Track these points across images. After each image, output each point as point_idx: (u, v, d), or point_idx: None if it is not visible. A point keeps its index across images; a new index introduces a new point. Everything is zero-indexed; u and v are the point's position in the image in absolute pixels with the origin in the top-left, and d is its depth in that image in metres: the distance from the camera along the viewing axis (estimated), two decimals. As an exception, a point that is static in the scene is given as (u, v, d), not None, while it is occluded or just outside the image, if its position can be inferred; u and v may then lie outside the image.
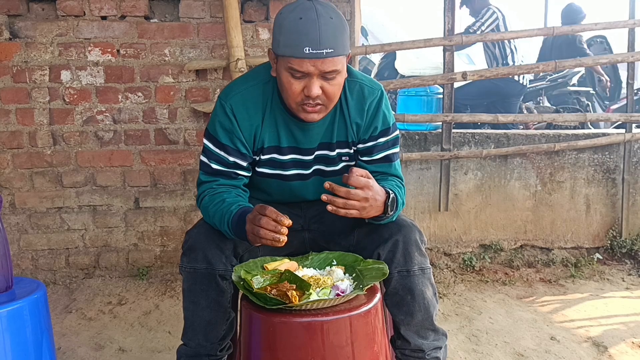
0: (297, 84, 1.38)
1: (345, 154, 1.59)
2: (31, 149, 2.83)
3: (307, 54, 1.32)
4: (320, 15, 1.32)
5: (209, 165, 1.53)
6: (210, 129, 1.53)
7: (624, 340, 2.28)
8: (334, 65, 1.36)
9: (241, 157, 1.52)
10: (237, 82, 1.56)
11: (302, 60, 1.33)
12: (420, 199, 3.10)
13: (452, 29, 2.97)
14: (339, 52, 1.36)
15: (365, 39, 5.75)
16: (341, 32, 1.36)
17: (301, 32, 1.32)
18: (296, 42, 1.32)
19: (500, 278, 2.98)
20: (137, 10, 2.78)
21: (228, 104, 1.50)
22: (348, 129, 1.55)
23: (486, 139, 3.11)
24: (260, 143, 1.53)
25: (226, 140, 1.50)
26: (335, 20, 1.35)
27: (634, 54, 3.06)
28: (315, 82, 1.37)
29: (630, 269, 3.08)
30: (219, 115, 1.51)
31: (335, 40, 1.34)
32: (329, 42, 1.32)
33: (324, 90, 1.39)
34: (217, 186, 1.52)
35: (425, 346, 1.51)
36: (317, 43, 1.31)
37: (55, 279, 2.90)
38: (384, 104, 1.56)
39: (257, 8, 2.84)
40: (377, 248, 1.48)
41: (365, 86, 1.55)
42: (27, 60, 2.76)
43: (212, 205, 1.46)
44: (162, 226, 2.94)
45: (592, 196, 3.18)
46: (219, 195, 1.48)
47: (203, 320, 1.47)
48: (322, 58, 1.33)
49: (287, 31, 1.34)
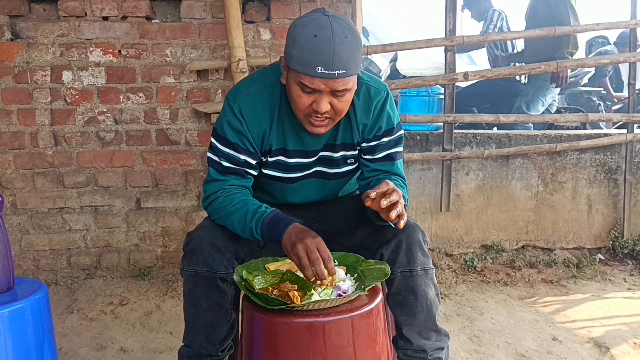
0: (307, 98, 1.38)
1: (350, 156, 1.59)
2: (33, 149, 2.83)
3: (319, 74, 1.31)
4: (335, 34, 1.30)
5: (220, 163, 1.51)
6: (218, 129, 1.52)
7: (626, 340, 2.27)
8: (345, 85, 1.36)
9: (250, 156, 1.52)
10: (245, 84, 1.55)
11: (313, 79, 1.33)
12: (421, 200, 3.10)
13: (453, 29, 2.97)
14: (351, 73, 1.35)
15: (367, 40, 5.75)
16: (355, 52, 1.35)
17: (315, 51, 1.30)
18: (309, 60, 1.31)
19: (501, 278, 2.97)
20: (138, 10, 2.78)
21: (237, 105, 1.49)
22: (354, 130, 1.55)
23: (487, 139, 3.10)
24: (268, 146, 1.53)
25: (235, 139, 1.50)
26: (350, 39, 1.33)
27: (635, 54, 3.06)
28: (324, 98, 1.36)
29: (632, 270, 3.08)
30: (228, 115, 1.50)
31: (349, 61, 1.33)
32: (342, 64, 1.31)
33: (332, 106, 1.39)
34: (229, 187, 1.51)
35: (428, 347, 1.51)
36: (330, 64, 1.30)
37: (57, 279, 2.90)
38: (389, 103, 1.56)
39: (259, 9, 2.84)
40: (380, 248, 1.48)
41: (371, 87, 1.54)
42: (29, 61, 2.77)
43: (231, 206, 1.45)
44: (164, 227, 2.94)
45: (593, 197, 3.18)
46: (237, 197, 1.48)
47: (204, 322, 1.47)
48: (334, 79, 1.32)
49: (300, 47, 1.32)
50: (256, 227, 1.41)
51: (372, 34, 6.21)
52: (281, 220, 1.39)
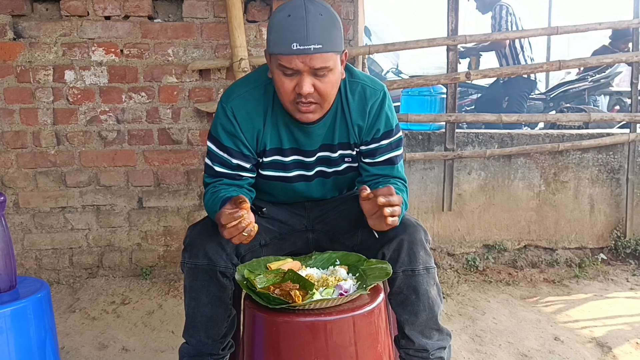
0: (289, 82, 1.37)
1: (347, 155, 1.58)
2: (35, 148, 2.83)
3: (294, 50, 1.31)
4: (308, 12, 1.32)
5: (212, 167, 1.53)
6: (212, 131, 1.53)
7: (628, 340, 2.27)
8: (324, 61, 1.34)
9: (244, 159, 1.52)
10: (238, 84, 1.55)
11: (290, 57, 1.33)
12: (423, 199, 3.09)
13: (455, 29, 2.97)
14: (329, 49, 1.34)
15: (369, 39, 5.75)
16: (331, 29, 1.34)
17: (288, 29, 1.32)
18: (284, 39, 1.32)
19: (503, 278, 2.97)
20: (140, 10, 2.78)
21: (229, 107, 1.49)
22: (349, 130, 1.54)
23: (490, 139, 3.10)
24: (262, 145, 1.53)
25: (228, 142, 1.50)
26: (325, 16, 1.34)
27: (638, 53, 3.05)
28: (306, 79, 1.35)
29: (634, 270, 3.07)
30: (221, 117, 1.51)
31: (324, 36, 1.32)
32: (316, 38, 1.31)
33: (316, 88, 1.37)
34: (219, 185, 1.52)
35: (430, 346, 1.51)
36: (304, 39, 1.31)
37: (59, 278, 2.91)
38: (387, 104, 1.54)
39: (261, 8, 2.84)
40: (382, 247, 1.47)
41: (367, 87, 1.53)
42: (31, 60, 2.77)
43: (211, 202, 1.47)
44: (166, 226, 2.94)
45: (596, 196, 3.17)
46: (219, 192, 1.48)
47: (204, 316, 1.47)
48: (310, 54, 1.32)
49: (276, 29, 1.34)
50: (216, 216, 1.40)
51: (375, 34, 6.20)
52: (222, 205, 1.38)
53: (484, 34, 3.23)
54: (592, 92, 5.12)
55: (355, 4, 2.86)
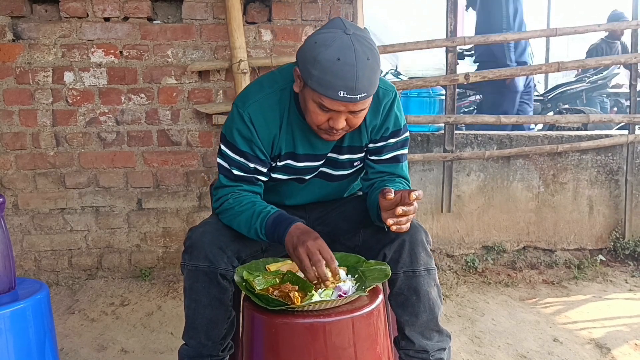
0: (324, 115, 1.37)
1: (356, 159, 1.59)
2: (34, 150, 2.83)
3: (341, 98, 1.31)
4: (358, 58, 1.28)
5: (231, 171, 1.51)
6: (227, 135, 1.51)
7: (627, 341, 2.27)
8: (364, 105, 1.37)
9: (261, 164, 1.52)
10: (253, 89, 1.54)
11: (334, 102, 1.32)
12: (422, 201, 3.08)
13: (454, 30, 2.97)
14: (371, 93, 1.35)
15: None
16: (376, 73, 1.34)
17: (338, 75, 1.28)
18: (332, 84, 1.30)
19: (503, 280, 2.97)
20: (140, 11, 2.78)
21: (246, 113, 1.47)
22: (363, 132, 1.55)
23: (489, 140, 3.10)
24: (277, 150, 1.53)
25: (245, 147, 1.49)
26: (372, 61, 1.31)
27: (637, 55, 3.06)
28: (342, 116, 1.36)
29: (633, 271, 3.07)
30: (237, 122, 1.49)
31: (370, 83, 1.32)
32: (364, 88, 1.31)
33: (348, 122, 1.39)
34: (239, 191, 1.51)
35: (430, 347, 1.51)
36: (353, 89, 1.30)
37: (58, 279, 2.90)
38: (397, 105, 1.56)
39: (260, 9, 2.84)
40: (383, 248, 1.48)
41: (380, 88, 1.52)
42: (30, 62, 2.77)
43: (240, 206, 1.46)
44: (165, 227, 2.94)
45: (595, 198, 3.17)
46: (246, 198, 1.49)
47: (204, 318, 1.47)
48: (355, 102, 1.32)
49: (322, 69, 1.29)
50: (260, 228, 1.42)
51: (374, 35, 6.21)
52: (284, 220, 1.40)
53: (482, 36, 3.23)
54: (590, 93, 5.13)
55: (354, 5, 2.86)
